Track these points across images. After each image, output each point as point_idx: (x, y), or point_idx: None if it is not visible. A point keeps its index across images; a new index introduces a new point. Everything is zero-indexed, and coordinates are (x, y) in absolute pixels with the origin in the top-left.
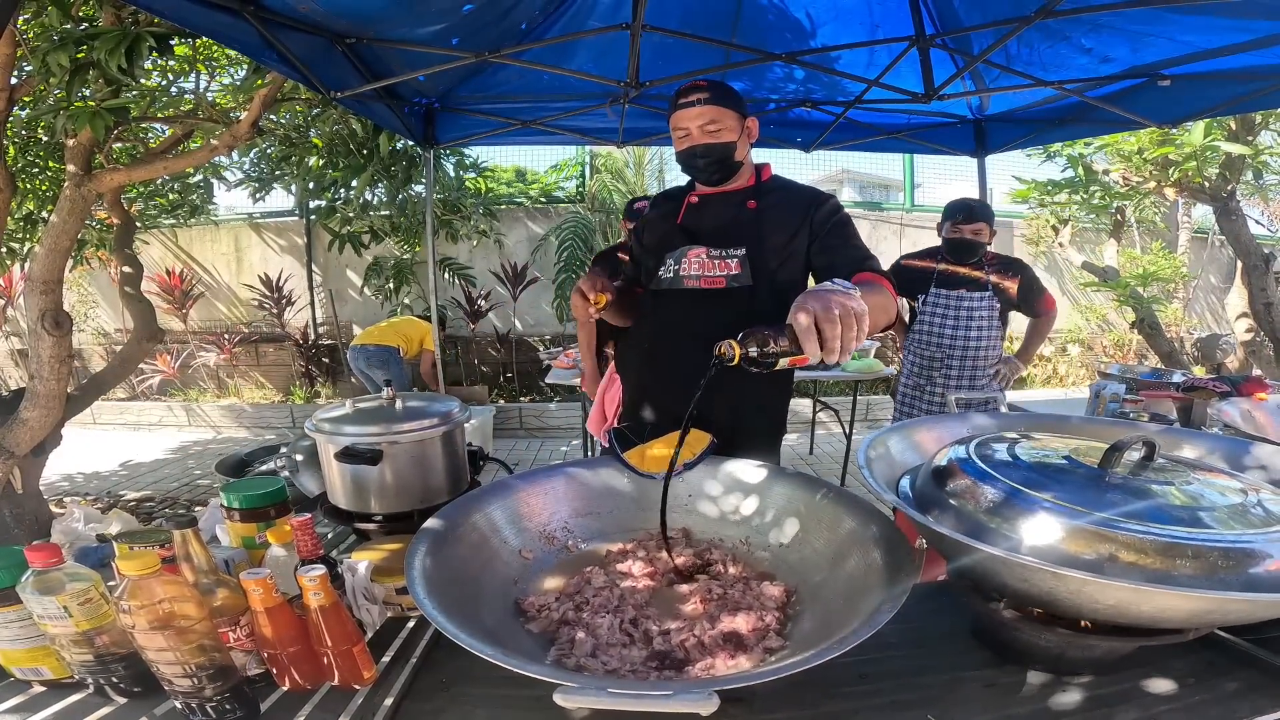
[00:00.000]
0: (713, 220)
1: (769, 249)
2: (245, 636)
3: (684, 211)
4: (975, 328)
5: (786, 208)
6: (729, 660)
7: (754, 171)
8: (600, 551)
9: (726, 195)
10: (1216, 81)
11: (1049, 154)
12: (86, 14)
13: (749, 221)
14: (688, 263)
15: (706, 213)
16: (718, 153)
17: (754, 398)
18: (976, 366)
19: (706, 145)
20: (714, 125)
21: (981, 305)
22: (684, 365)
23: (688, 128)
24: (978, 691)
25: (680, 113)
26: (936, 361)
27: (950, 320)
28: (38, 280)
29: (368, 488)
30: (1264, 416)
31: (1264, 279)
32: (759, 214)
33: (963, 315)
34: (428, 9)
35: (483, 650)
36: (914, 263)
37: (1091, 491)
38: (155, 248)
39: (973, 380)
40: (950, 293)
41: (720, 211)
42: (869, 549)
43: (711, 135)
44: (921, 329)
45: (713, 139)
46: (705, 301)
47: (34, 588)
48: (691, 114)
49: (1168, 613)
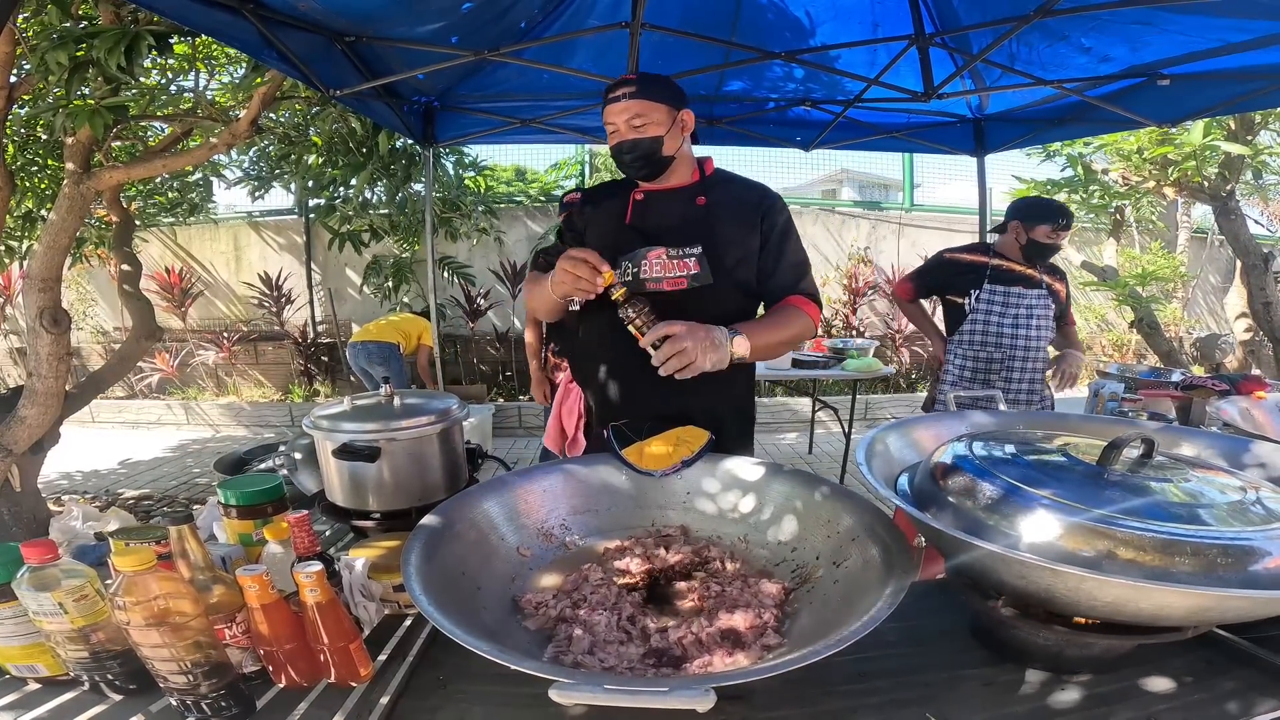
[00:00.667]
0: (662, 218)
1: (725, 246)
2: (241, 633)
3: (631, 210)
4: (1035, 327)
5: (737, 205)
6: (727, 658)
7: (696, 165)
8: (598, 549)
9: (673, 192)
10: (1216, 81)
11: (1048, 153)
12: (86, 12)
13: (701, 218)
14: (648, 264)
15: (654, 210)
16: (643, 149)
17: (729, 398)
18: (1036, 370)
19: (632, 141)
20: (639, 120)
21: (1039, 304)
22: (653, 370)
23: (615, 123)
24: (976, 690)
25: (607, 108)
26: (995, 363)
27: (1010, 319)
28: (36, 278)
29: (365, 485)
30: (1263, 415)
31: (1263, 279)
32: (709, 210)
33: (1022, 314)
34: (427, 7)
35: (480, 647)
36: (962, 256)
37: (1090, 488)
38: (154, 246)
39: (1031, 385)
40: (1007, 289)
41: (668, 209)
42: (867, 546)
43: (637, 130)
44: (975, 328)
45: (638, 134)
46: (669, 304)
47: (29, 584)
48: (617, 109)
49: (1166, 610)
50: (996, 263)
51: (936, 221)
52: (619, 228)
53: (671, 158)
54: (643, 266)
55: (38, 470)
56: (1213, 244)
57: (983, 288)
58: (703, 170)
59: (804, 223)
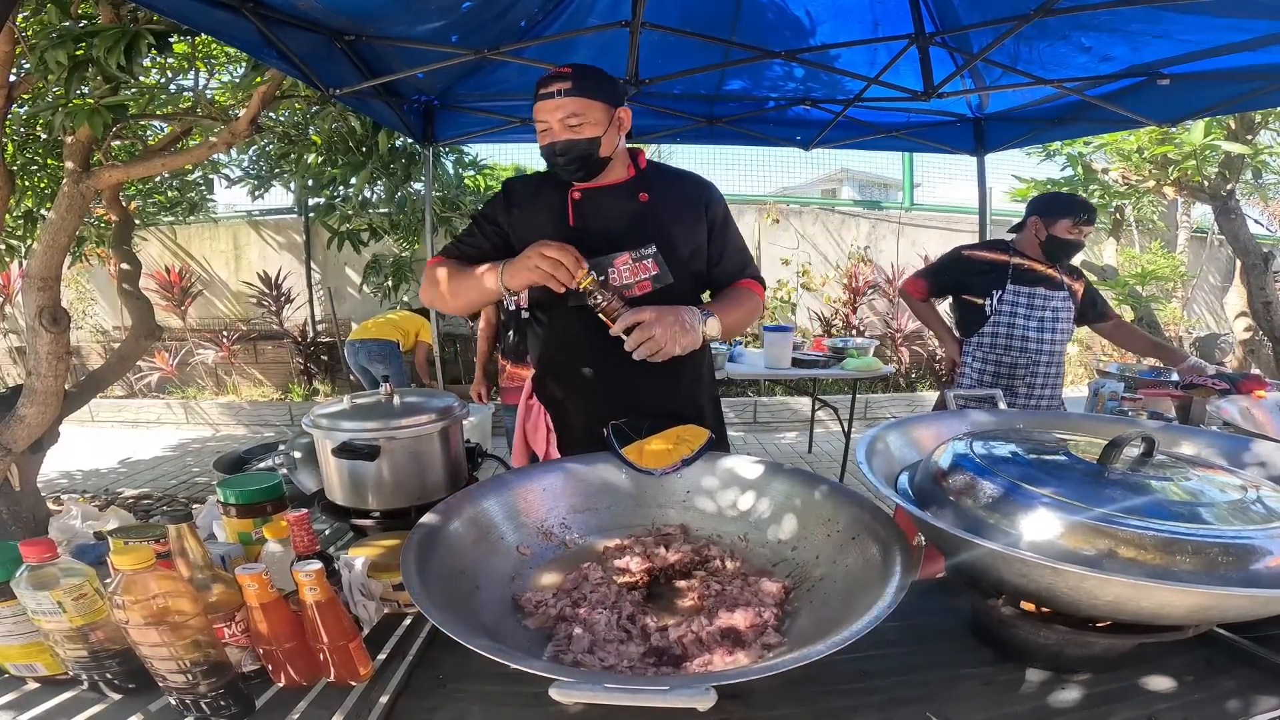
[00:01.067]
0: (606, 217)
1: (676, 242)
2: (240, 632)
3: (571, 210)
4: (1060, 331)
5: (680, 198)
6: (727, 656)
7: (629, 159)
8: (598, 547)
9: (611, 189)
10: (1216, 80)
11: (1048, 153)
12: (85, 11)
13: (647, 215)
14: (616, 271)
15: (595, 209)
16: (579, 150)
17: (708, 390)
18: (1058, 374)
19: (566, 142)
20: (575, 119)
21: (1064, 306)
22: (636, 379)
23: (547, 121)
24: (976, 689)
25: (539, 104)
26: (1020, 368)
27: (1035, 321)
28: (36, 277)
29: (365, 484)
30: (1263, 414)
31: (1263, 278)
32: (654, 206)
33: (1048, 315)
34: (427, 6)
35: (480, 646)
36: (981, 255)
37: (1090, 487)
38: (154, 245)
39: (1053, 390)
40: (1029, 289)
41: (610, 207)
42: (867, 545)
43: (573, 130)
44: (998, 330)
45: (574, 134)
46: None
47: (28, 583)
48: (550, 106)
49: (1167, 609)
50: (1018, 261)
51: (936, 221)
52: (562, 231)
53: (608, 159)
54: (609, 274)
55: (37, 469)
56: (1212, 243)
57: (1006, 288)
58: (637, 164)
59: (804, 222)
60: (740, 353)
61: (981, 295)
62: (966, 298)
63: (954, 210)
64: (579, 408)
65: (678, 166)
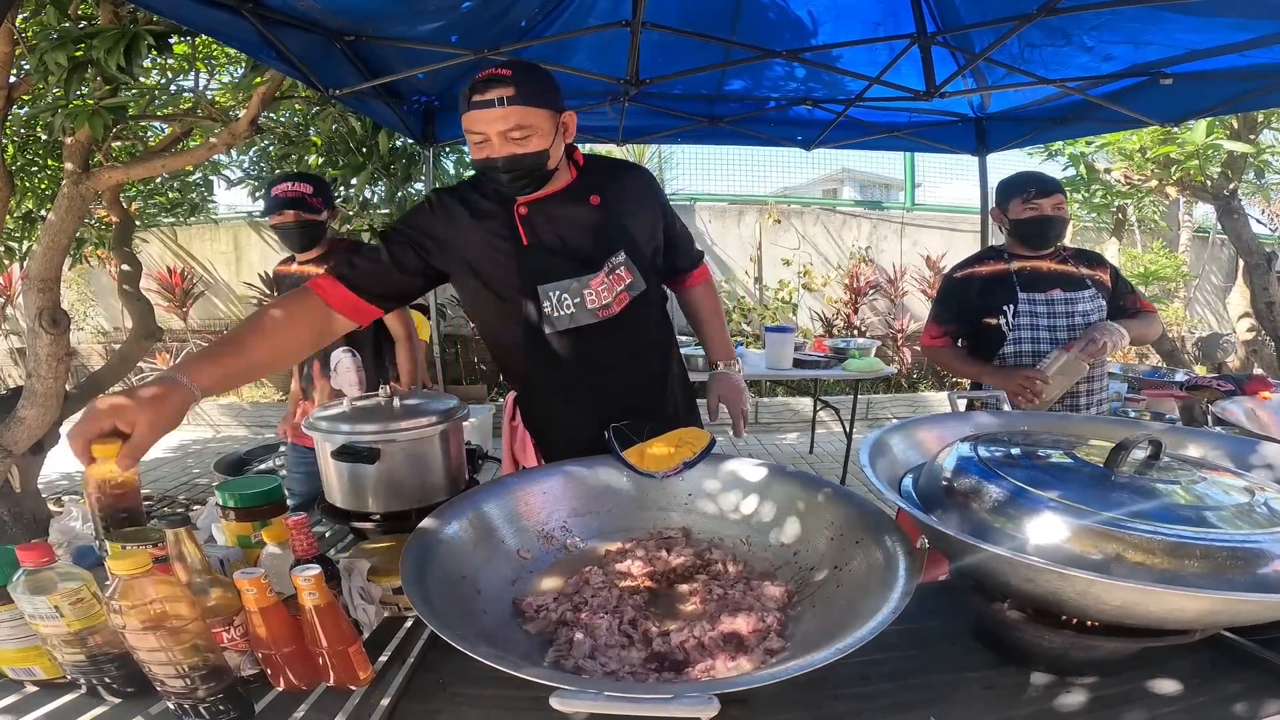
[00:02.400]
0: (560, 228)
1: (639, 241)
2: (239, 637)
3: (521, 228)
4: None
5: (630, 194)
6: (729, 662)
7: (568, 159)
8: (599, 551)
9: (559, 197)
10: (1218, 80)
11: (1050, 152)
12: (85, 12)
13: (605, 220)
14: (593, 294)
15: (547, 223)
16: (525, 165)
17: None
18: (1104, 386)
19: (511, 158)
20: (520, 132)
21: (1093, 305)
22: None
23: (484, 133)
24: (979, 693)
25: (474, 113)
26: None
27: (1063, 329)
28: (36, 278)
29: (365, 486)
30: (1268, 415)
31: (1265, 278)
32: (608, 208)
33: (1077, 320)
34: (426, 6)
35: (479, 652)
36: (977, 271)
37: (1097, 490)
38: (154, 246)
39: (1100, 404)
40: (1043, 295)
41: (563, 216)
42: (871, 549)
43: (517, 144)
44: (1021, 349)
45: (518, 148)
46: (619, 326)
47: (25, 587)
48: (490, 117)
49: (1176, 613)
50: (1019, 266)
51: (938, 221)
52: (518, 252)
53: (555, 169)
54: (586, 297)
55: (38, 471)
56: (1215, 243)
57: (1018, 300)
58: (575, 163)
59: (805, 222)
60: (741, 353)
61: (996, 314)
62: (984, 321)
63: (955, 210)
64: (563, 423)
65: (608, 156)
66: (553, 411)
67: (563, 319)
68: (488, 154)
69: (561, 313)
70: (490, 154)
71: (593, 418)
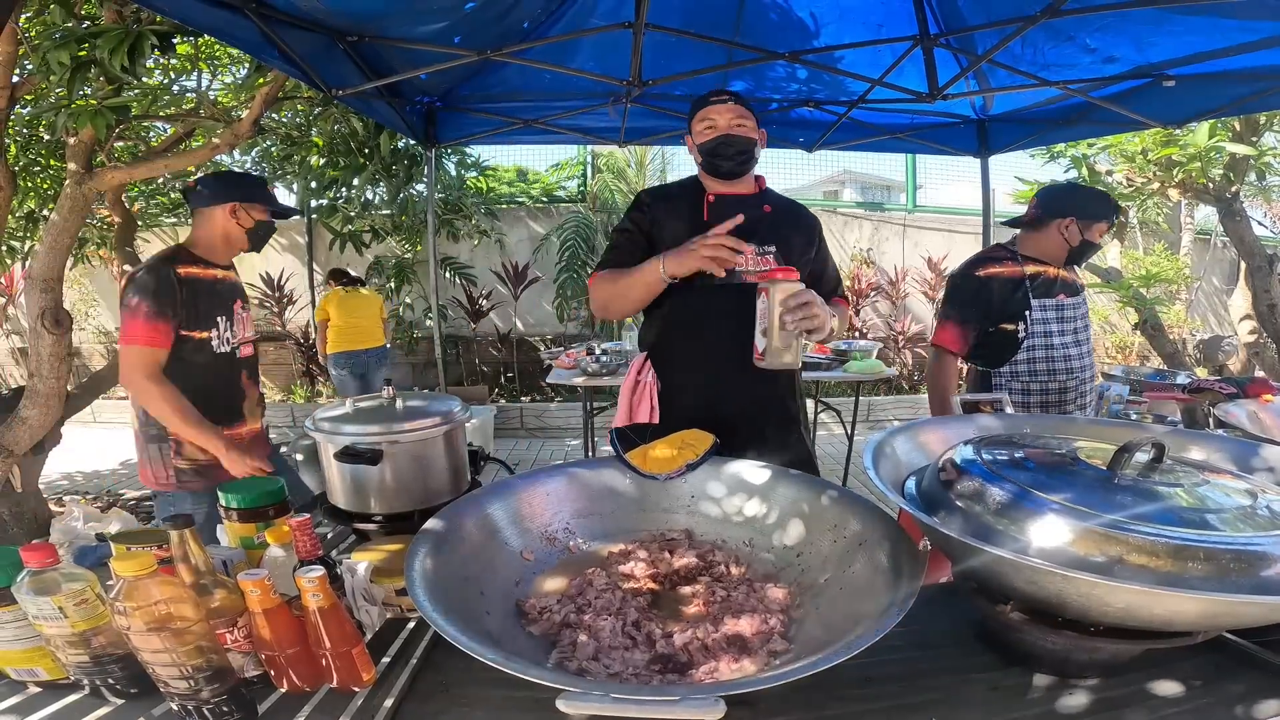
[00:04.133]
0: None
1: (792, 251)
2: (243, 638)
3: (706, 209)
4: (1089, 338)
5: (795, 218)
6: (733, 664)
7: (754, 179)
8: (602, 553)
9: (741, 198)
10: (1221, 82)
11: (1052, 154)
12: (88, 12)
13: (770, 223)
14: (744, 257)
15: (727, 211)
16: (743, 145)
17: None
18: (1092, 391)
19: (737, 136)
20: (741, 122)
21: (1085, 311)
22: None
23: (715, 120)
24: (982, 694)
25: (711, 108)
26: (1069, 392)
27: (1070, 336)
28: (38, 278)
29: (368, 488)
30: (1270, 418)
31: (1267, 280)
32: (775, 217)
33: (1080, 326)
34: (429, 7)
35: (483, 654)
36: (998, 272)
37: (1100, 493)
38: (156, 246)
39: (1118, 401)
40: (1053, 301)
41: (740, 211)
42: (874, 551)
43: (739, 129)
44: (1035, 355)
45: (740, 131)
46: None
47: (29, 588)
48: (721, 109)
49: (1178, 615)
50: (1032, 270)
51: (939, 223)
52: (697, 225)
53: (755, 163)
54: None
55: (39, 471)
56: (1216, 245)
57: (1033, 306)
58: (758, 184)
59: None
60: None
61: (1014, 320)
62: (1000, 327)
63: (957, 212)
64: (688, 391)
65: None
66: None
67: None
68: (716, 134)
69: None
70: (721, 134)
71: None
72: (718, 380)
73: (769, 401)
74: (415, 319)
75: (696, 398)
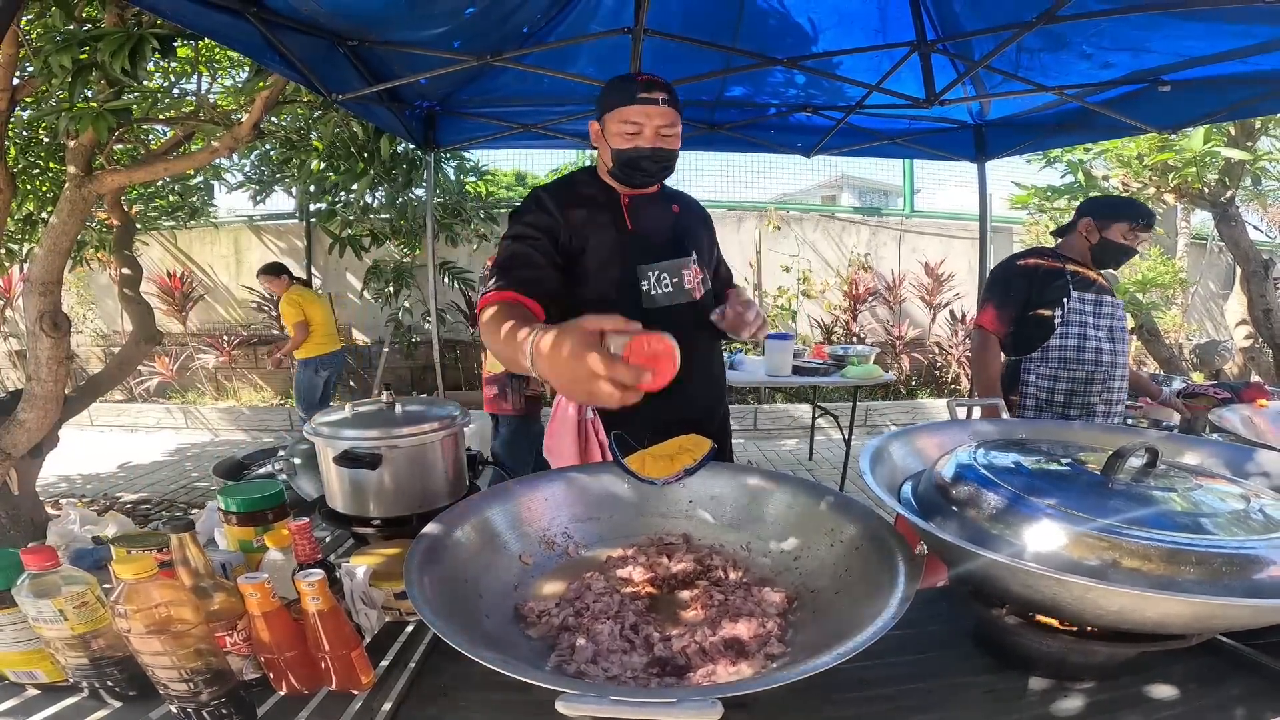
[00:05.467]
0: (653, 225)
1: (702, 250)
2: (242, 641)
3: (627, 216)
4: (1124, 339)
5: (696, 214)
6: (730, 667)
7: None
8: (600, 557)
9: (651, 198)
10: (1216, 87)
11: (1049, 159)
12: (89, 15)
13: (682, 227)
14: (690, 275)
15: (643, 217)
16: (669, 159)
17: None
18: (1125, 388)
19: (662, 150)
20: (670, 130)
21: (1122, 316)
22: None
23: (640, 125)
24: (978, 697)
25: (639, 107)
26: (1096, 384)
27: (1105, 331)
28: (37, 281)
29: (366, 492)
30: (1264, 423)
31: (1263, 285)
32: (684, 218)
33: (1116, 324)
34: (429, 12)
35: (482, 657)
36: (1038, 262)
37: (1094, 498)
38: (155, 249)
39: (1124, 405)
40: (1093, 297)
41: (654, 215)
42: (870, 555)
43: (665, 140)
44: (1067, 343)
45: (666, 144)
46: (699, 309)
47: (29, 590)
48: (653, 112)
49: (1171, 618)
50: (1072, 268)
51: (937, 228)
52: (623, 238)
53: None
54: (685, 277)
55: (36, 474)
56: (1212, 250)
57: (1071, 296)
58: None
59: (805, 229)
60: (740, 360)
61: (1051, 307)
62: (1037, 312)
63: (954, 217)
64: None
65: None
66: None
67: (661, 297)
68: (637, 144)
69: (660, 290)
70: (640, 144)
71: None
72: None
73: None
74: (414, 323)
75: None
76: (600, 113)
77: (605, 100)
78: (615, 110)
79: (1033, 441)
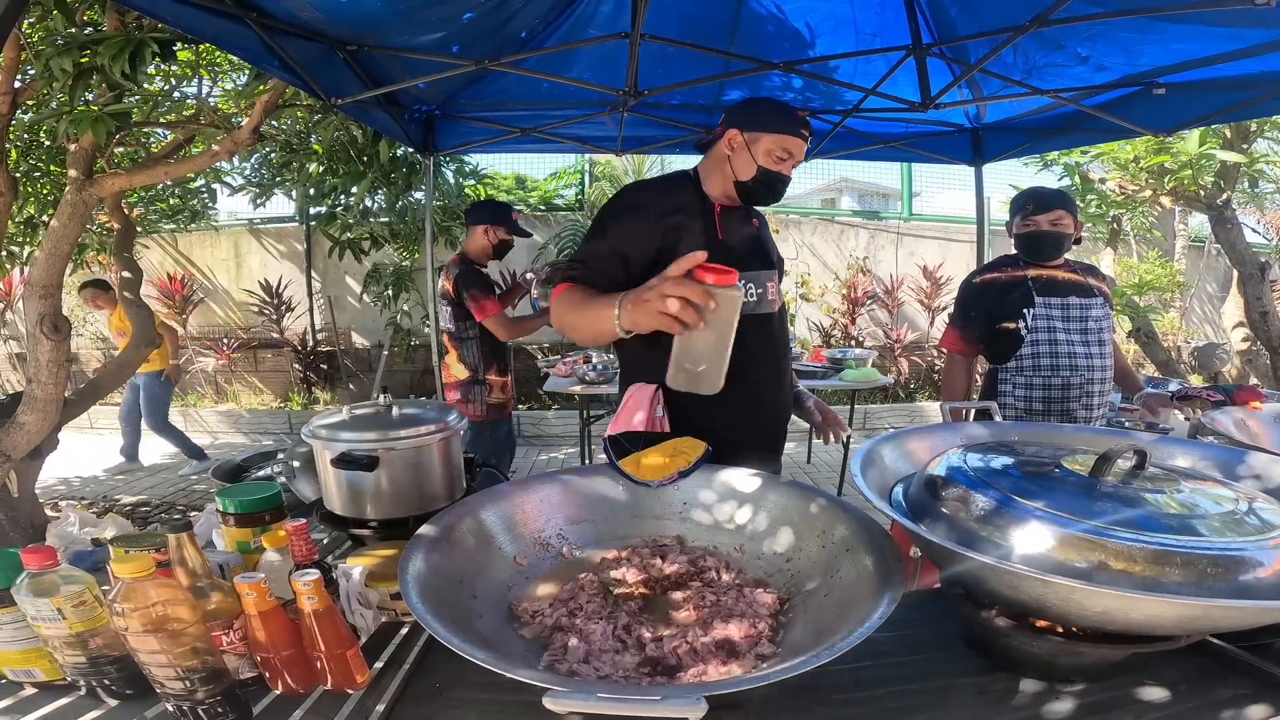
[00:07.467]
0: (740, 236)
1: (774, 264)
2: (238, 640)
3: (719, 226)
4: (1103, 342)
5: (769, 231)
6: (721, 667)
7: None
8: (594, 558)
9: (739, 211)
10: (1211, 90)
11: (1045, 163)
12: (90, 19)
13: (762, 240)
14: (771, 287)
15: (732, 228)
16: (786, 186)
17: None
18: (1108, 395)
19: (788, 178)
20: (796, 160)
21: (1104, 315)
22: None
23: (795, 156)
24: (969, 698)
25: (799, 141)
26: (1073, 389)
27: (1078, 334)
28: (37, 284)
29: (364, 494)
30: (1258, 425)
31: (1259, 288)
32: (763, 232)
33: (1090, 328)
34: (428, 17)
35: (476, 656)
36: (996, 277)
37: (1083, 500)
38: (155, 252)
39: (1110, 409)
40: (1061, 300)
41: (740, 228)
42: (862, 557)
43: (791, 169)
44: (1038, 350)
45: (789, 172)
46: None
47: (28, 590)
48: (802, 147)
49: (1156, 619)
50: (1034, 274)
51: (935, 231)
52: (712, 244)
53: None
54: (769, 289)
55: (35, 476)
56: (1209, 253)
57: (1035, 304)
58: None
59: (803, 231)
60: None
61: (1014, 319)
62: (1002, 326)
63: (952, 220)
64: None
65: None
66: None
67: (748, 305)
68: (782, 170)
69: (747, 300)
70: (784, 171)
71: (750, 407)
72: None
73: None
74: (413, 326)
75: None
76: (748, 127)
77: (762, 120)
78: (776, 135)
79: (1022, 444)
